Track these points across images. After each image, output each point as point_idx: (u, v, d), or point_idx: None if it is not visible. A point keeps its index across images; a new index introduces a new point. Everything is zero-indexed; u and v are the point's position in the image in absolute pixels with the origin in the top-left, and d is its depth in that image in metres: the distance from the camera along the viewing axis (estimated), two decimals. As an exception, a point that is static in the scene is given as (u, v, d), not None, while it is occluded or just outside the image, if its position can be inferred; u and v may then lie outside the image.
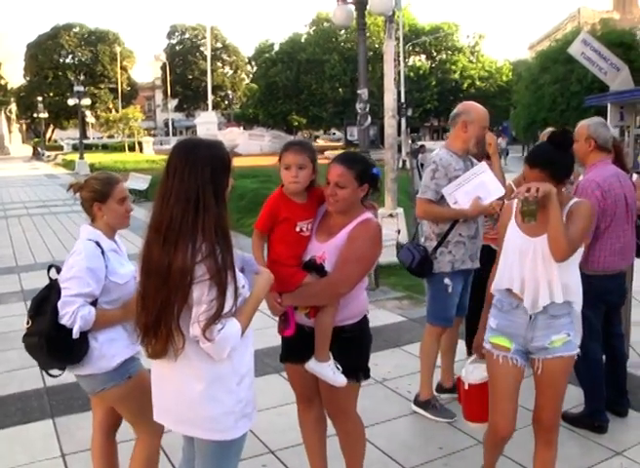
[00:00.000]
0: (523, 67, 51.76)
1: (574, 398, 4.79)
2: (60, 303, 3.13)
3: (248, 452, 4.26)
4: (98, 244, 3.28)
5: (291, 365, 3.63)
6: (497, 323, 3.37)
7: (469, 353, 5.88)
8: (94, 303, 3.19)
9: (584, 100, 31.80)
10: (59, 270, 3.39)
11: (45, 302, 3.25)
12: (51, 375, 3.40)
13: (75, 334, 3.10)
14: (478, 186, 4.51)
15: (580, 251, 3.25)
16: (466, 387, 3.63)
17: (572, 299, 3.24)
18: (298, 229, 3.32)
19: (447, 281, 4.68)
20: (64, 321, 3.11)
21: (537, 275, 3.18)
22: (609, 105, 29.63)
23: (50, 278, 3.38)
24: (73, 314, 3.09)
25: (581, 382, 4.65)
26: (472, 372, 3.62)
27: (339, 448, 3.71)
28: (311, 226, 3.38)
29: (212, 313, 2.42)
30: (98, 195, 3.34)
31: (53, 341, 3.13)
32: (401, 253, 4.89)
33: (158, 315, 2.50)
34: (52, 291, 3.26)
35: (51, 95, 72.24)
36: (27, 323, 3.30)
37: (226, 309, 2.44)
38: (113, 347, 3.20)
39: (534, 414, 3.36)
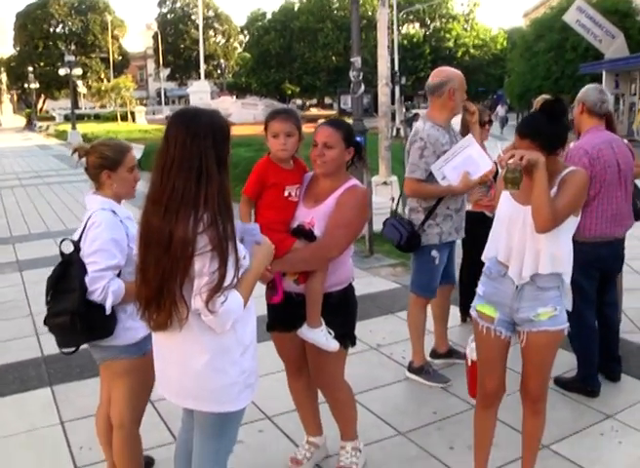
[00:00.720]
0: (517, 35, 51.35)
1: (566, 363, 4.85)
2: (88, 279, 3.00)
3: (244, 418, 4.27)
4: (114, 212, 3.16)
5: (278, 333, 3.65)
6: (484, 290, 3.35)
7: (464, 319, 5.94)
8: (118, 275, 3.09)
9: (579, 68, 31.68)
10: (73, 243, 3.17)
11: (64, 279, 3.09)
12: (65, 353, 3.26)
13: (108, 310, 3.01)
14: (466, 160, 4.45)
15: (574, 221, 3.18)
16: (469, 364, 3.65)
17: (560, 271, 3.16)
18: (286, 194, 3.35)
19: (434, 253, 4.68)
20: (95, 297, 2.99)
21: (524, 244, 3.13)
22: (604, 73, 29.56)
23: (62, 253, 3.18)
24: (104, 289, 2.99)
25: (574, 348, 4.70)
26: (474, 349, 3.60)
27: (334, 412, 3.77)
28: (299, 192, 3.42)
29: (214, 285, 2.39)
30: (108, 162, 3.18)
31: (85, 318, 2.99)
32: (386, 231, 4.82)
33: (160, 286, 2.46)
34: (69, 266, 3.09)
35: (41, 65, 71.50)
36: (48, 303, 3.13)
37: (228, 281, 2.42)
38: (138, 319, 3.00)
39: (521, 384, 3.36)
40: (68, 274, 3.08)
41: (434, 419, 4.33)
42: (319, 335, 3.38)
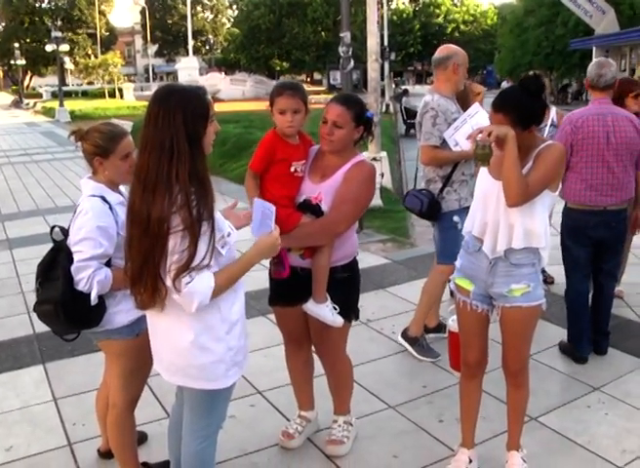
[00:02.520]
0: (508, 10, 51.17)
1: (556, 336, 4.94)
2: (73, 269, 2.95)
3: (236, 393, 4.30)
4: (103, 199, 3.07)
5: (280, 308, 3.66)
6: (461, 263, 3.38)
7: (452, 294, 5.99)
8: (108, 262, 3.03)
9: (569, 44, 31.59)
10: (62, 230, 3.15)
11: (53, 267, 3.05)
12: (66, 340, 3.27)
13: (94, 301, 2.96)
14: (475, 127, 4.56)
15: (551, 195, 3.16)
16: (447, 334, 3.66)
17: (535, 245, 3.14)
18: (292, 170, 3.33)
19: (456, 218, 4.76)
20: (80, 287, 2.94)
21: (498, 218, 3.14)
22: (594, 49, 29.49)
23: (54, 240, 3.14)
24: (89, 279, 2.93)
25: (567, 311, 4.87)
26: (455, 320, 3.63)
27: (326, 387, 3.81)
28: (304, 168, 3.40)
29: (181, 264, 2.38)
30: (100, 150, 3.11)
31: (69, 307, 2.95)
32: (407, 201, 4.94)
33: (142, 266, 2.48)
34: (59, 253, 3.05)
35: (28, 41, 70.56)
36: (37, 290, 3.11)
37: (196, 261, 2.40)
38: (130, 301, 2.87)
39: (501, 359, 3.39)
40: (57, 262, 3.05)
41: (424, 393, 4.38)
42: (325, 311, 3.39)
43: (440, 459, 3.62)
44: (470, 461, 3.45)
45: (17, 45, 63.26)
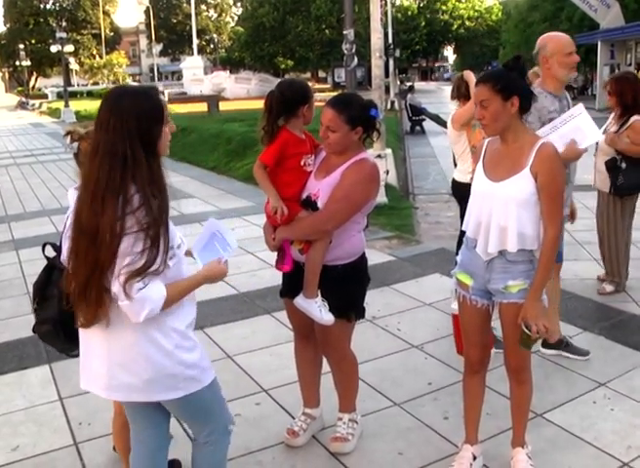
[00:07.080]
0: (512, 6, 51.06)
1: (562, 332, 4.91)
2: None
3: (241, 392, 4.36)
4: None
5: (288, 300, 3.67)
6: (461, 259, 3.39)
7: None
8: None
9: (574, 39, 31.44)
10: (54, 247, 3.04)
11: (49, 285, 2.96)
12: (72, 356, 3.14)
13: None
14: (574, 129, 4.29)
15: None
16: (451, 317, 3.65)
17: (530, 248, 3.13)
18: (302, 163, 3.39)
19: None
20: None
21: (490, 220, 3.13)
22: (599, 43, 29.39)
23: (47, 257, 3.06)
24: None
25: None
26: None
27: (331, 384, 3.81)
28: (313, 162, 3.45)
29: (137, 266, 2.26)
30: None
31: (69, 326, 2.76)
32: None
33: (88, 278, 2.34)
34: (53, 271, 2.97)
35: (33, 42, 70.83)
36: (35, 311, 3.02)
37: (155, 266, 2.29)
38: None
39: (503, 355, 3.38)
40: (51, 280, 2.96)
41: (429, 390, 4.38)
42: (313, 307, 3.40)
43: (445, 456, 3.61)
44: (475, 458, 3.43)
45: (22, 46, 63.64)
